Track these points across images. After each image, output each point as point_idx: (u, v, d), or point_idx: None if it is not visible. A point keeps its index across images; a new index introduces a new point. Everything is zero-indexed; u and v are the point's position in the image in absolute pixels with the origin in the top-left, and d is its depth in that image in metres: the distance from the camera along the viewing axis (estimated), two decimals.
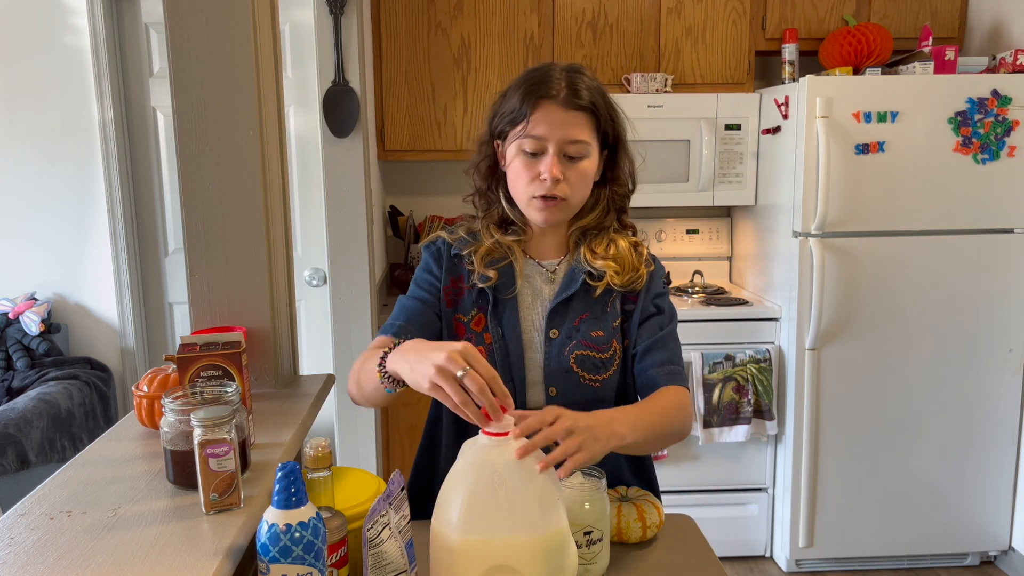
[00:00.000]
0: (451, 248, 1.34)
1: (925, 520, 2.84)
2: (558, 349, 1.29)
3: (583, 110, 1.24)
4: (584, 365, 1.29)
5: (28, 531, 0.94)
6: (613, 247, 1.32)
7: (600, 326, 1.31)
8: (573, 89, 1.24)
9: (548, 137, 1.23)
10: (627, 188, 1.35)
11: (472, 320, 1.31)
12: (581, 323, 1.30)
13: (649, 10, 2.98)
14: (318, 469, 0.97)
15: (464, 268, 1.33)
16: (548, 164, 1.23)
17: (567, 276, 1.33)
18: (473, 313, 1.31)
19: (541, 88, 1.23)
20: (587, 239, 1.34)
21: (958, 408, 2.78)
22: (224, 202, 1.40)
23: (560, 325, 1.30)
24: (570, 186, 1.25)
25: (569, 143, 1.24)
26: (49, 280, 3.20)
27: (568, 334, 1.30)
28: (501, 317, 1.30)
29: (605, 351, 1.30)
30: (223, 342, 1.20)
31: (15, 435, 2.59)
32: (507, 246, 1.32)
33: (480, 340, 1.29)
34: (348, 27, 2.54)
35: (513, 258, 1.32)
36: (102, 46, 3.04)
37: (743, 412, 2.80)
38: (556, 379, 1.29)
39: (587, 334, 1.30)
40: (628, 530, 1.21)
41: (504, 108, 1.28)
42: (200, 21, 1.35)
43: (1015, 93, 2.62)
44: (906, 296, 2.72)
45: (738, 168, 3.02)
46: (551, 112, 1.23)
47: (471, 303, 1.31)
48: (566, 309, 1.31)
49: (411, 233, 3.17)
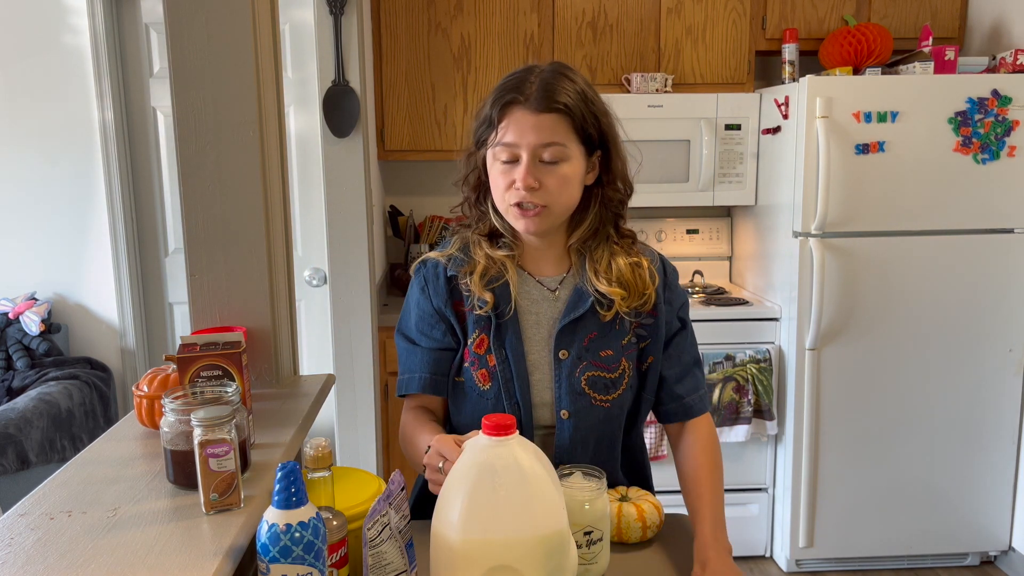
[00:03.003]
0: (445, 270, 1.30)
1: (925, 520, 2.84)
2: (568, 370, 1.25)
3: (555, 111, 1.17)
4: (595, 386, 1.26)
5: (28, 531, 0.94)
6: (614, 266, 1.26)
7: (609, 345, 1.27)
8: (545, 91, 1.18)
9: (519, 143, 1.18)
10: (622, 192, 1.29)
11: (475, 343, 1.27)
12: (591, 343, 1.26)
13: (649, 10, 2.98)
14: (318, 469, 0.97)
15: (462, 290, 1.28)
16: (522, 172, 1.18)
17: (573, 295, 1.27)
18: (475, 335, 1.27)
19: (510, 94, 1.19)
20: (588, 251, 1.28)
21: (958, 408, 2.78)
22: (224, 202, 1.40)
23: (569, 346, 1.26)
24: (549, 192, 1.19)
25: (542, 147, 1.18)
26: (49, 280, 3.20)
27: (578, 355, 1.26)
28: (504, 339, 1.26)
29: (614, 370, 1.27)
30: (223, 342, 1.20)
31: (15, 435, 2.59)
32: (500, 262, 1.27)
33: (484, 363, 1.26)
34: (348, 27, 2.54)
35: (507, 274, 1.27)
36: (102, 46, 3.04)
37: (743, 412, 2.80)
38: (568, 402, 1.25)
39: (596, 354, 1.26)
40: (628, 530, 1.22)
41: (479, 117, 1.25)
42: (200, 21, 1.35)
43: (1015, 93, 2.62)
44: (906, 296, 2.72)
45: (738, 168, 3.02)
46: (521, 117, 1.18)
47: (473, 325, 1.27)
48: (575, 329, 1.26)
49: (411, 233, 3.17)
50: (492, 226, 1.30)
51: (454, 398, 1.32)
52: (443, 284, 1.29)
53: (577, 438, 1.26)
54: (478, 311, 1.26)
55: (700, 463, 1.29)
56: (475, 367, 1.27)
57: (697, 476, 1.27)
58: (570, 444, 1.26)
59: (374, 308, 2.72)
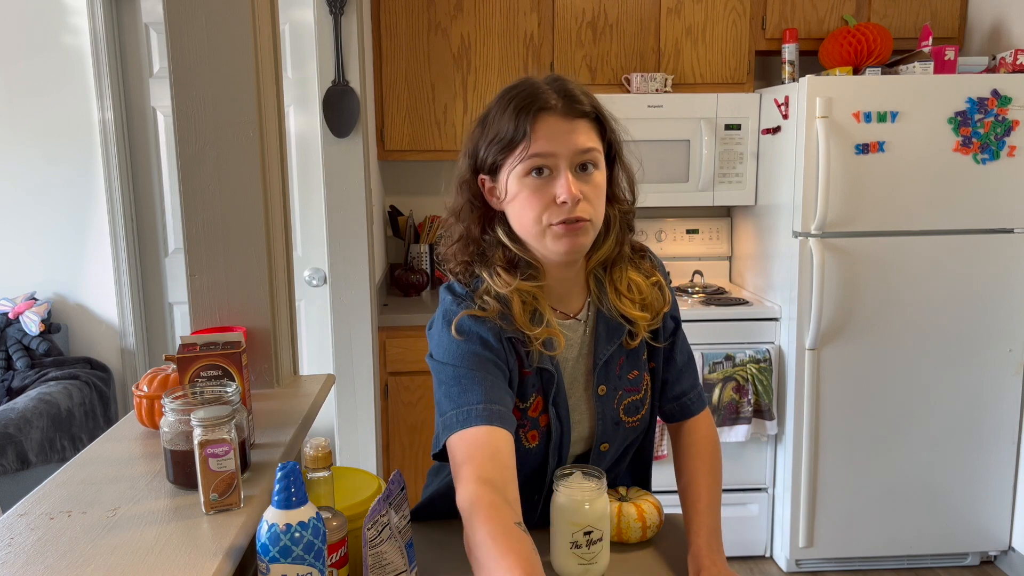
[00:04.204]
0: (502, 332, 1.12)
1: (925, 520, 2.84)
2: (608, 404, 1.20)
3: (586, 116, 1.10)
4: (628, 411, 1.23)
5: (28, 531, 0.94)
6: (634, 288, 1.20)
7: (634, 366, 1.23)
8: (569, 96, 1.09)
9: (557, 152, 1.07)
10: (630, 204, 1.21)
11: (531, 407, 1.16)
12: (621, 369, 1.21)
13: (649, 10, 2.98)
14: (318, 469, 0.97)
15: (519, 349, 1.14)
16: (564, 184, 1.06)
17: (601, 325, 1.19)
18: (532, 399, 1.16)
19: (535, 102, 1.07)
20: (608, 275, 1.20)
21: (958, 408, 2.78)
22: (224, 202, 1.40)
23: (606, 380, 1.20)
24: (591, 204, 1.09)
25: (580, 153, 1.08)
26: (49, 280, 3.20)
27: (614, 386, 1.21)
28: (557, 396, 1.16)
29: (640, 389, 1.23)
30: (223, 342, 1.20)
31: (15, 435, 2.59)
32: (531, 294, 1.13)
33: (535, 425, 1.17)
34: (348, 27, 2.54)
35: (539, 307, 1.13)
36: (102, 46, 3.04)
37: (743, 412, 2.80)
38: (610, 434, 1.21)
39: (626, 378, 1.22)
40: (628, 530, 1.22)
41: (490, 136, 1.11)
42: (200, 21, 1.35)
43: (1015, 93, 2.62)
44: (906, 296, 2.72)
45: (738, 168, 3.02)
46: (553, 124, 1.07)
47: (531, 388, 1.15)
48: (608, 360, 1.20)
49: (411, 233, 3.17)
50: (509, 256, 1.16)
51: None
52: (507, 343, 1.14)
53: (611, 459, 1.26)
54: (552, 351, 1.13)
55: (697, 468, 1.24)
56: (525, 428, 1.17)
57: (694, 481, 1.23)
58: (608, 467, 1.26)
59: (374, 308, 2.72)
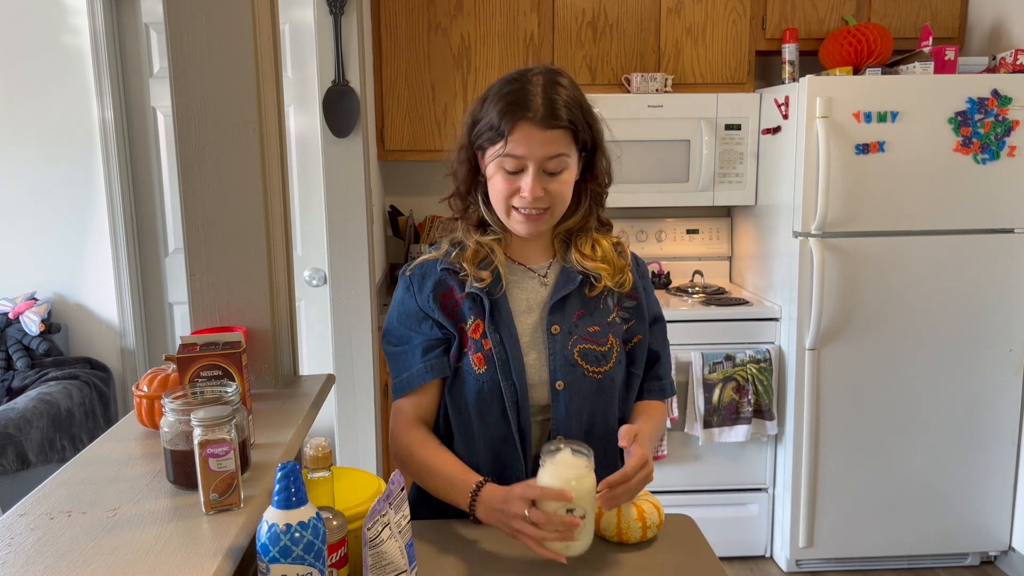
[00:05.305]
0: (438, 264, 1.35)
1: (925, 520, 2.84)
2: (561, 344, 1.31)
3: (561, 128, 1.24)
4: (587, 358, 1.32)
5: (28, 531, 0.94)
6: (599, 248, 1.36)
7: (595, 322, 1.34)
8: (550, 107, 1.23)
9: (527, 156, 1.23)
10: (604, 186, 1.37)
11: (471, 328, 1.32)
12: (579, 319, 1.33)
13: (649, 10, 2.98)
14: (318, 469, 0.97)
15: (454, 279, 1.34)
16: (528, 184, 1.24)
17: (561, 276, 1.35)
18: (471, 320, 1.32)
19: (518, 108, 1.23)
20: (573, 240, 1.37)
21: (958, 408, 2.78)
22: (224, 202, 1.40)
23: (560, 321, 1.32)
24: (551, 198, 1.27)
25: (548, 159, 1.24)
26: (49, 280, 3.20)
27: (568, 330, 1.32)
28: (498, 323, 1.31)
29: (603, 344, 1.33)
30: (223, 342, 1.20)
31: (15, 435, 2.59)
32: (488, 246, 1.34)
33: (479, 347, 1.30)
34: (348, 27, 2.54)
35: (495, 258, 1.33)
36: (102, 46, 3.04)
37: (743, 412, 2.80)
38: (562, 373, 1.31)
39: (585, 330, 1.33)
40: (628, 530, 1.22)
41: (482, 122, 1.30)
42: (200, 21, 1.35)
43: (1015, 93, 2.62)
44: (906, 296, 2.72)
45: (738, 168, 3.02)
46: (529, 132, 1.22)
47: (467, 311, 1.32)
48: (563, 306, 1.33)
49: (411, 233, 3.17)
50: (481, 217, 1.36)
51: (451, 386, 1.34)
52: (429, 281, 1.34)
53: (572, 409, 1.31)
54: (476, 286, 1.30)
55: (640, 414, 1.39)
56: (472, 351, 1.31)
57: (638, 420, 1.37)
58: (565, 416, 1.31)
59: (374, 308, 2.72)
